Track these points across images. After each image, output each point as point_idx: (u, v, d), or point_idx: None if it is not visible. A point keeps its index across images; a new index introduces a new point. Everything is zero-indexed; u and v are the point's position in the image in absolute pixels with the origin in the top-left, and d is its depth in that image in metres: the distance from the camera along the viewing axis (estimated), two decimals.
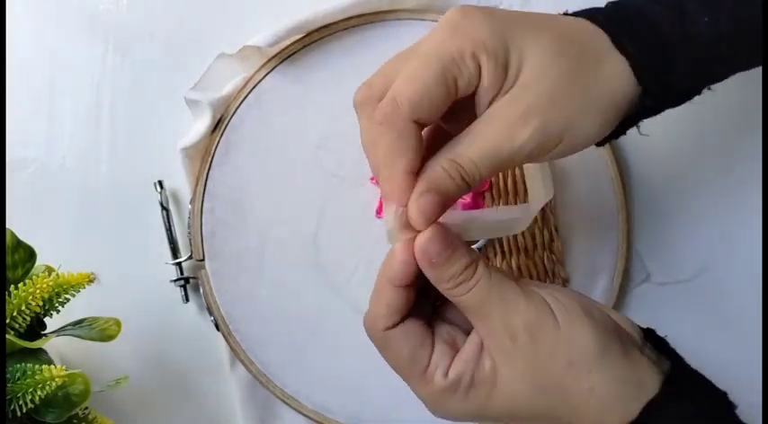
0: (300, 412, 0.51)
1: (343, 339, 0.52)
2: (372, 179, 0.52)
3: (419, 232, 0.36)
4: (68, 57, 0.54)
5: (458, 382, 0.37)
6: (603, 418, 0.36)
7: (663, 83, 0.38)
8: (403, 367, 0.38)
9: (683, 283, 0.55)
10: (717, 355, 0.55)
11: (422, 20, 0.53)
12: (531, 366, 0.36)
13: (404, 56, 0.39)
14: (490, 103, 0.36)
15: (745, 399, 0.52)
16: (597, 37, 0.37)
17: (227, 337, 0.51)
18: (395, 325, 0.37)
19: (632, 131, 0.55)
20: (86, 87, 0.54)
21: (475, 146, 0.36)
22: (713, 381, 0.50)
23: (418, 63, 0.36)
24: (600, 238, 0.54)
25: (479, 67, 0.35)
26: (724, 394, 0.38)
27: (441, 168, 0.36)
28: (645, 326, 0.54)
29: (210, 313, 0.51)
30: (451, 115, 0.37)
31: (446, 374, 0.37)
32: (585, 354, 0.36)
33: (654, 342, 0.39)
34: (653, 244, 0.55)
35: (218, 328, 0.51)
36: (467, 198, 0.52)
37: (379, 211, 0.52)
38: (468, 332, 0.38)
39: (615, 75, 0.37)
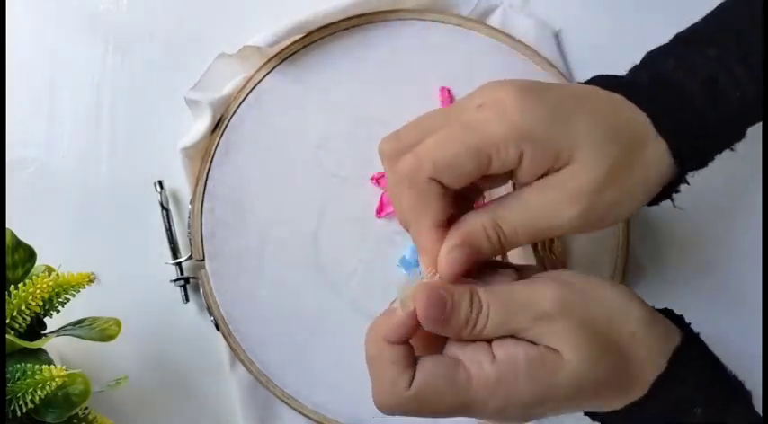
0: (300, 412, 0.51)
1: (344, 339, 0.52)
2: (372, 178, 0.52)
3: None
4: (68, 57, 0.54)
5: (513, 362, 0.35)
6: (651, 359, 0.37)
7: (699, 159, 0.40)
8: (451, 402, 0.35)
9: (683, 283, 0.55)
10: (717, 355, 0.55)
11: (422, 20, 0.53)
12: (579, 334, 0.35)
13: (442, 116, 0.38)
14: (534, 178, 0.37)
15: None
16: (639, 120, 0.38)
17: (227, 337, 0.51)
18: (412, 378, 0.35)
19: None
20: (86, 87, 0.54)
21: (520, 215, 0.37)
22: None
23: (455, 132, 0.36)
24: (600, 238, 0.54)
25: (521, 154, 0.35)
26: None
27: (481, 227, 0.37)
28: None
29: (210, 313, 0.51)
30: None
31: (493, 361, 0.35)
32: (613, 302, 0.37)
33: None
34: (653, 244, 0.55)
35: (218, 328, 0.51)
36: None
37: (379, 211, 0.52)
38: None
39: (657, 160, 0.38)
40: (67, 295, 0.44)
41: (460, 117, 0.37)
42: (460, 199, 0.39)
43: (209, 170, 0.51)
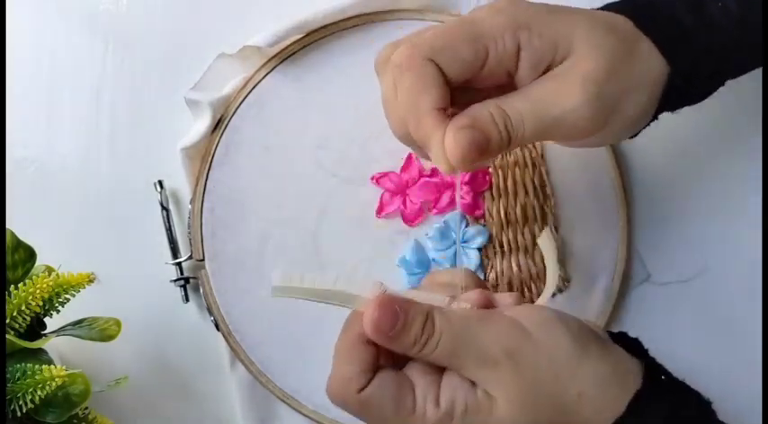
0: (300, 412, 0.51)
1: None
2: (372, 178, 0.52)
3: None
4: (68, 58, 0.54)
5: (452, 409, 0.35)
6: (598, 418, 0.36)
7: (689, 63, 0.38)
8: (391, 419, 0.36)
9: (683, 283, 0.55)
10: (717, 355, 0.55)
11: (422, 20, 0.53)
12: (520, 385, 0.35)
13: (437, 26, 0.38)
14: (536, 75, 0.36)
15: (744, 398, 0.52)
16: (627, 23, 0.38)
17: (227, 337, 0.51)
18: (368, 383, 0.35)
19: None
20: (86, 87, 0.54)
21: (526, 100, 0.36)
22: (712, 381, 0.50)
23: (452, 24, 0.36)
24: (600, 238, 0.54)
25: (518, 47, 0.35)
26: (704, 398, 0.38)
27: (488, 112, 0.35)
28: (645, 326, 0.54)
29: (210, 313, 0.51)
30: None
31: (437, 403, 0.35)
32: (566, 359, 0.36)
33: (626, 344, 0.39)
34: (653, 244, 0.55)
35: (218, 328, 0.51)
36: (467, 198, 0.52)
37: (379, 211, 0.52)
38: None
39: (650, 54, 0.38)
40: (67, 295, 0.44)
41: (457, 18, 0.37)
42: None
43: (209, 170, 0.51)
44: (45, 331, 0.46)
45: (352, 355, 0.36)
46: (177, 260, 0.52)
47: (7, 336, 0.41)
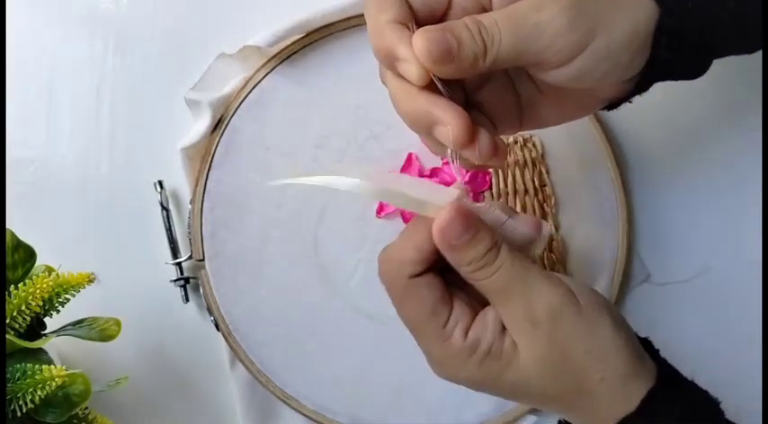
0: (300, 412, 0.51)
1: (343, 339, 0.52)
2: None
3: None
4: (68, 57, 0.54)
5: (476, 345, 0.36)
6: (610, 408, 0.36)
7: (678, 8, 0.36)
8: (421, 320, 0.36)
9: (682, 283, 0.55)
10: (717, 355, 0.55)
11: None
12: (550, 351, 0.35)
13: None
14: None
15: (744, 399, 0.52)
16: None
17: (227, 337, 0.51)
18: (420, 274, 0.36)
19: (633, 133, 0.55)
20: (86, 87, 0.54)
21: (502, 11, 0.34)
22: (713, 381, 0.50)
23: None
24: (600, 238, 0.54)
25: None
26: (713, 398, 0.39)
27: (462, 22, 0.34)
28: (645, 326, 0.54)
29: (210, 313, 0.51)
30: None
31: (465, 333, 0.36)
32: (603, 344, 0.36)
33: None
34: (653, 244, 0.55)
35: (218, 328, 0.51)
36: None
37: (379, 211, 0.52)
38: (485, 304, 0.37)
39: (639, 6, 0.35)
40: (67, 295, 0.44)
41: None
42: None
43: (209, 170, 0.51)
44: (45, 331, 0.46)
45: (418, 241, 0.36)
46: (177, 260, 0.52)
47: (7, 336, 0.41)
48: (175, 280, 0.52)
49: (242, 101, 0.52)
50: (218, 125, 0.52)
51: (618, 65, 0.36)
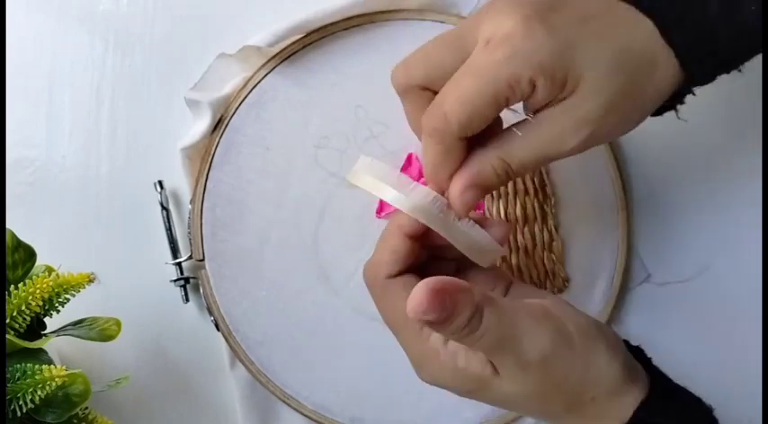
0: (300, 412, 0.51)
1: (343, 339, 0.52)
2: None
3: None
4: (68, 58, 0.54)
5: (453, 355, 0.36)
6: (599, 421, 0.36)
7: (708, 74, 0.39)
8: (399, 320, 0.38)
9: (683, 283, 0.55)
10: (717, 355, 0.55)
11: (422, 20, 0.53)
12: (539, 390, 0.36)
13: (449, 51, 0.38)
14: (541, 107, 0.37)
15: (745, 399, 0.52)
16: (647, 35, 0.37)
17: (227, 337, 0.51)
18: (398, 274, 0.38)
19: (633, 133, 0.55)
20: (86, 87, 0.54)
21: (526, 149, 0.38)
22: (712, 381, 0.50)
23: (471, 84, 0.36)
24: (600, 238, 0.54)
25: (534, 87, 0.36)
26: (706, 405, 0.39)
27: (491, 167, 0.38)
28: (645, 326, 0.54)
29: (210, 313, 0.51)
30: None
31: (445, 341, 0.36)
32: (597, 372, 0.36)
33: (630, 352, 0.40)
34: (653, 244, 0.55)
35: (218, 328, 0.51)
36: None
37: (378, 211, 0.52)
38: None
39: (665, 77, 0.37)
40: (67, 295, 0.44)
41: (472, 61, 0.37)
42: None
43: (209, 170, 0.51)
44: (45, 331, 0.46)
45: (389, 243, 0.38)
46: (177, 260, 0.52)
47: (7, 336, 0.41)
48: (175, 280, 0.52)
49: (242, 101, 0.52)
50: (218, 125, 0.52)
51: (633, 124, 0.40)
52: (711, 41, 0.37)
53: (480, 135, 0.38)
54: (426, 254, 0.40)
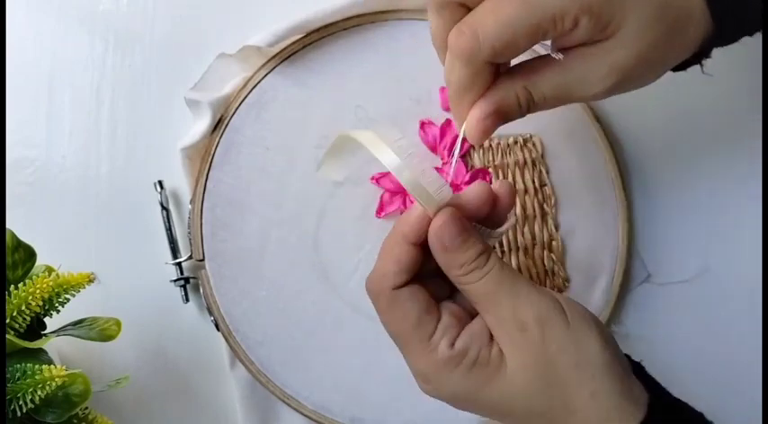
0: (300, 412, 0.51)
1: (343, 339, 0.52)
2: (372, 178, 0.52)
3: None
4: (68, 58, 0.54)
5: (463, 354, 0.36)
6: None
7: (737, 26, 0.39)
8: (406, 331, 0.37)
9: (683, 283, 0.55)
10: (717, 355, 0.55)
11: (422, 20, 0.53)
12: (538, 359, 0.35)
13: None
14: (571, 47, 0.37)
15: (745, 399, 0.52)
16: None
17: (227, 337, 0.51)
18: (404, 285, 0.37)
19: (633, 133, 0.55)
20: (86, 87, 0.54)
21: (552, 84, 0.37)
22: (713, 381, 0.50)
23: (515, 10, 0.35)
24: (600, 238, 0.54)
25: (576, 25, 0.36)
26: (701, 415, 0.38)
27: (515, 94, 0.37)
28: (645, 326, 0.54)
29: (210, 313, 0.51)
30: None
31: (452, 344, 0.36)
32: (592, 358, 0.35)
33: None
34: (653, 244, 0.55)
35: (218, 328, 0.51)
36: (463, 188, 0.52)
37: (378, 211, 0.52)
38: (473, 315, 0.38)
39: (697, 32, 0.38)
40: (67, 295, 0.44)
41: None
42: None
43: (209, 170, 0.51)
44: (45, 331, 0.46)
45: (393, 253, 0.37)
46: (177, 260, 0.52)
47: (7, 336, 0.41)
48: (175, 280, 0.52)
49: (242, 101, 0.52)
50: (218, 125, 0.52)
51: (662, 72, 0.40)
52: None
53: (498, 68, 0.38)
54: (427, 260, 0.39)
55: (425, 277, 0.38)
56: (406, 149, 0.35)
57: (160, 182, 0.52)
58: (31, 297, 0.41)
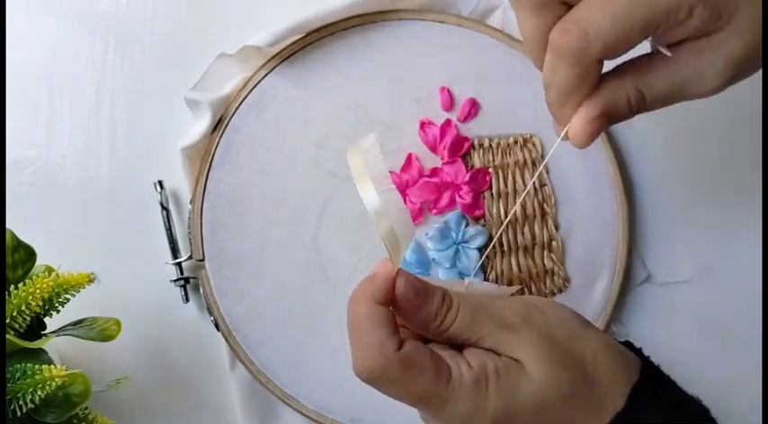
0: (300, 412, 0.51)
1: (344, 339, 0.51)
2: None
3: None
4: (68, 58, 0.54)
5: (484, 368, 0.35)
6: (615, 386, 0.36)
7: None
8: (428, 384, 0.34)
9: (683, 283, 0.55)
10: (717, 355, 0.55)
11: (422, 20, 0.53)
12: (542, 345, 0.36)
13: None
14: (680, 41, 0.36)
15: (745, 399, 0.52)
16: None
17: (227, 337, 0.51)
18: (401, 345, 0.34)
19: (633, 133, 0.55)
20: (86, 87, 0.54)
21: (666, 82, 0.36)
22: (712, 381, 0.50)
23: (626, 4, 0.34)
24: (600, 238, 0.54)
25: (690, 15, 0.34)
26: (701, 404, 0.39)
27: (626, 96, 0.36)
28: (645, 326, 0.54)
29: (210, 313, 0.51)
30: None
31: (470, 365, 0.35)
32: (574, 326, 0.37)
33: None
34: (653, 244, 0.55)
35: (218, 328, 0.51)
36: (467, 198, 0.52)
37: None
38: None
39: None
40: (67, 295, 0.44)
41: None
42: None
43: (209, 170, 0.51)
44: (45, 331, 0.46)
45: (376, 320, 0.35)
46: (177, 260, 0.52)
47: (7, 336, 0.41)
48: (175, 280, 0.52)
49: (242, 101, 0.52)
50: (218, 125, 0.52)
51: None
52: None
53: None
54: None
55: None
56: (387, 179, 0.34)
57: (160, 182, 0.52)
58: (31, 297, 0.41)
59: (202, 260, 0.51)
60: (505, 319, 0.36)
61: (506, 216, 0.52)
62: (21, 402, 0.39)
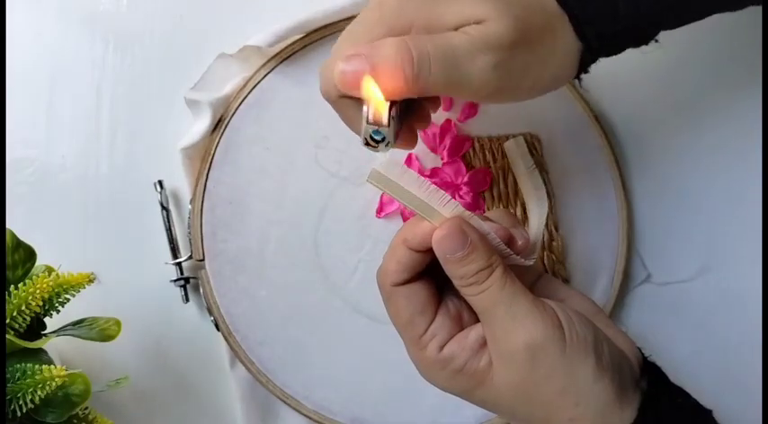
0: (300, 412, 0.51)
1: (343, 339, 0.52)
2: None
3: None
4: (68, 58, 0.54)
5: (449, 361, 0.37)
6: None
7: (606, 40, 0.39)
8: (400, 326, 0.39)
9: (683, 283, 0.55)
10: (717, 355, 0.55)
11: None
12: (524, 379, 0.36)
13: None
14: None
15: (745, 399, 0.52)
16: (550, 5, 0.38)
17: (227, 337, 0.51)
18: (403, 283, 0.38)
19: (633, 133, 0.55)
20: (86, 87, 0.54)
21: (435, 43, 0.36)
22: (712, 381, 0.50)
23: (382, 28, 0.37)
24: (600, 238, 0.54)
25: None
26: (704, 408, 0.38)
27: (392, 41, 0.35)
28: (645, 326, 0.54)
29: (210, 313, 0.51)
30: None
31: (441, 348, 0.37)
32: (580, 387, 0.36)
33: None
34: (653, 244, 0.55)
35: (218, 328, 0.51)
36: (467, 198, 0.52)
37: (379, 211, 0.52)
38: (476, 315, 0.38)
39: (566, 41, 0.38)
40: (67, 295, 0.44)
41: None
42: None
43: (209, 170, 0.51)
44: (45, 331, 0.46)
45: (395, 253, 0.38)
46: (177, 260, 0.52)
47: (7, 336, 0.41)
48: (175, 280, 0.52)
49: (242, 101, 0.52)
50: (218, 125, 0.52)
51: (547, 91, 0.40)
52: (611, 8, 0.37)
53: None
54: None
55: (436, 269, 0.38)
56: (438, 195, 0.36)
57: (160, 182, 0.52)
58: (31, 297, 0.41)
59: (202, 260, 0.51)
60: (514, 338, 0.36)
61: None
62: (21, 402, 0.39)
